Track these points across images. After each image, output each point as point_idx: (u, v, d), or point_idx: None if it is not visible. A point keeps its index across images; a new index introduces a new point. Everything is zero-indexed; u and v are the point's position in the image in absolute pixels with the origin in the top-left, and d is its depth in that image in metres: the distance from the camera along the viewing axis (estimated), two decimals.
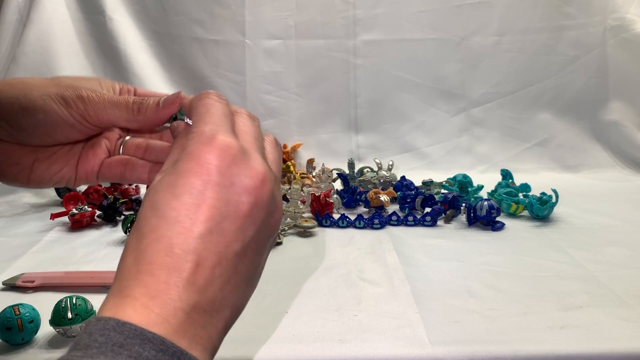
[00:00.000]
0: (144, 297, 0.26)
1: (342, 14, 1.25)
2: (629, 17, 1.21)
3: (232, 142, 0.29)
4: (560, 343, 0.49)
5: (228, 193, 0.28)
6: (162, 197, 0.28)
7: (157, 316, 0.25)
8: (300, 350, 0.49)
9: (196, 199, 0.28)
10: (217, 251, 0.28)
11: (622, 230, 0.81)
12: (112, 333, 0.24)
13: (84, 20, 1.24)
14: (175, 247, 0.27)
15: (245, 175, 0.29)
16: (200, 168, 0.28)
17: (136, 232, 0.28)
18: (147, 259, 0.27)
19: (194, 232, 0.27)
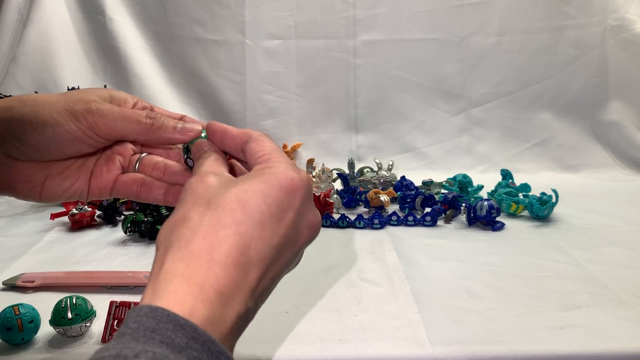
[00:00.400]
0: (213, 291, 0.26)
1: (342, 14, 1.25)
2: (629, 17, 1.21)
3: (310, 183, 0.33)
4: (560, 343, 0.49)
5: (299, 222, 0.32)
6: (253, 198, 0.30)
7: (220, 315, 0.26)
8: (300, 350, 0.49)
9: (280, 215, 0.30)
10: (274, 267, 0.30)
11: (622, 230, 0.81)
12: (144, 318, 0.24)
13: (84, 20, 1.24)
14: (252, 249, 0.28)
15: (312, 214, 0.33)
16: (291, 190, 0.31)
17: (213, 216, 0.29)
18: (223, 250, 0.28)
19: (271, 242, 0.30)
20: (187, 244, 0.28)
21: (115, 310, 0.51)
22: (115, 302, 0.51)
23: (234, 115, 1.26)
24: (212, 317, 0.26)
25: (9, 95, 0.97)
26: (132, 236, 0.81)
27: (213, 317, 0.26)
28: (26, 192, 0.39)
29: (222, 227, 0.28)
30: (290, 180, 0.32)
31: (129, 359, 0.22)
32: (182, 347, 0.24)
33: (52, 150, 0.38)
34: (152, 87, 1.25)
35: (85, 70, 1.24)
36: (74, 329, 0.50)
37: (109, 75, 1.26)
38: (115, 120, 0.38)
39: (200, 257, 0.27)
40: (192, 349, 0.24)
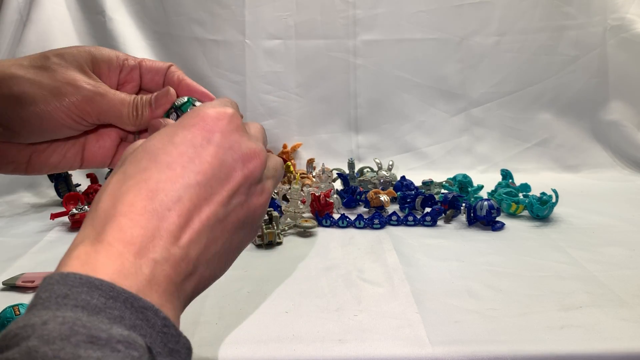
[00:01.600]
0: (118, 243, 0.24)
1: (342, 14, 1.25)
2: (629, 17, 1.21)
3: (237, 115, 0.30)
4: (560, 343, 0.49)
5: (225, 155, 0.28)
6: (158, 142, 0.28)
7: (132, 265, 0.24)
8: (300, 350, 0.49)
9: (194, 151, 0.27)
10: (203, 207, 0.27)
11: (622, 230, 0.81)
12: (55, 286, 0.22)
13: (84, 20, 1.24)
14: (161, 192, 0.26)
15: (245, 146, 0.29)
16: (205, 124, 0.28)
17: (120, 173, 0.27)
18: (127, 200, 0.25)
19: (185, 180, 0.26)
20: (94, 207, 0.26)
21: None
22: None
23: None
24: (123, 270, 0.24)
25: None
26: None
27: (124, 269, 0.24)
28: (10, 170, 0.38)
29: (126, 180, 0.26)
30: (202, 115, 0.29)
31: (36, 327, 0.20)
32: (100, 307, 0.22)
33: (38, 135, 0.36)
34: None
35: None
36: None
37: None
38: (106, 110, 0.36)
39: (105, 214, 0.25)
40: (112, 308, 0.22)
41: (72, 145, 0.39)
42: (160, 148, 0.27)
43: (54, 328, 0.20)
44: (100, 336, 0.21)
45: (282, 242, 0.77)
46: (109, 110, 0.36)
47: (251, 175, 0.29)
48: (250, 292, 0.61)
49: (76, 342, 0.20)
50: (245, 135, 0.30)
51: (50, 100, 0.34)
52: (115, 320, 0.22)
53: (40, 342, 0.20)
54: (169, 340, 0.24)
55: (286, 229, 0.82)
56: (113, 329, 0.21)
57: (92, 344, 0.20)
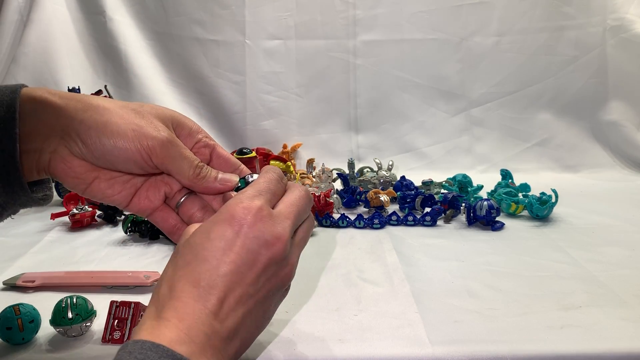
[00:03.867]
0: (174, 319, 0.32)
1: (342, 14, 1.25)
2: (629, 17, 1.21)
3: (264, 206, 0.37)
4: (560, 343, 0.49)
5: (252, 244, 0.35)
6: (198, 239, 0.36)
7: (185, 335, 0.32)
8: (300, 350, 0.49)
9: (225, 244, 0.35)
10: (236, 290, 0.34)
11: (622, 230, 0.81)
12: (149, 352, 0.30)
13: (84, 20, 1.24)
14: (202, 282, 0.34)
15: (269, 233, 0.36)
16: (233, 221, 0.35)
17: (173, 265, 0.36)
18: (178, 287, 0.34)
19: (220, 270, 0.34)
20: (157, 291, 0.35)
21: (115, 310, 0.51)
22: (116, 302, 0.51)
23: (234, 116, 1.26)
24: (178, 339, 0.31)
25: None
26: (133, 236, 0.81)
27: (179, 338, 0.31)
28: (73, 185, 0.42)
29: (177, 271, 0.35)
30: (231, 212, 0.36)
31: None
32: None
33: (107, 160, 0.40)
34: (152, 87, 1.25)
35: (86, 71, 1.24)
36: (75, 328, 0.50)
37: (109, 75, 1.26)
38: (172, 158, 0.41)
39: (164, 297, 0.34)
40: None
41: (129, 187, 0.44)
42: (199, 244, 0.35)
43: None
44: None
45: None
46: (175, 159, 0.41)
47: (274, 257, 0.36)
48: None
49: None
50: (269, 222, 0.36)
51: (129, 133, 0.39)
52: None
53: None
54: None
55: None
56: None
57: None
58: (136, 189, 0.44)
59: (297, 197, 0.40)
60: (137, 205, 0.44)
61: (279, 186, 0.40)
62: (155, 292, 0.35)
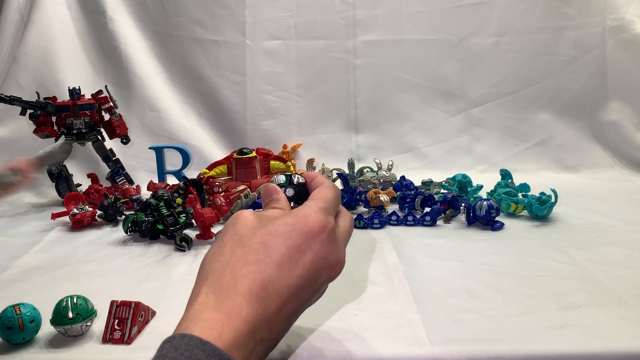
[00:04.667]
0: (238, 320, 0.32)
1: (342, 14, 1.25)
2: (628, 17, 1.21)
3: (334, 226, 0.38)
4: (560, 343, 0.49)
5: (319, 264, 0.36)
6: (275, 241, 0.35)
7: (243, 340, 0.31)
8: (300, 350, 0.49)
9: (299, 256, 0.35)
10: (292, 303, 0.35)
11: (622, 230, 0.81)
12: (195, 350, 0.29)
13: (84, 20, 1.24)
14: (269, 286, 0.33)
15: (334, 257, 0.37)
16: (310, 234, 0.36)
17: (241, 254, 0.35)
18: (246, 284, 0.33)
19: (288, 281, 0.34)
20: (218, 278, 0.34)
21: (115, 309, 0.51)
22: (116, 302, 0.51)
23: (235, 116, 1.26)
24: (237, 342, 0.31)
25: (9, 95, 0.97)
26: (133, 236, 0.81)
27: (238, 341, 0.31)
28: None
29: (246, 264, 0.34)
30: (311, 225, 0.36)
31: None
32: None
33: None
34: (152, 87, 1.25)
35: (86, 71, 1.24)
36: (75, 328, 0.50)
37: (110, 76, 1.26)
38: None
39: (228, 290, 0.33)
40: None
41: None
42: (275, 247, 0.35)
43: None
44: None
45: None
46: None
47: (330, 279, 0.38)
48: None
49: None
50: (336, 245, 0.38)
51: None
52: None
53: None
54: None
55: None
56: None
57: None
58: None
59: (350, 225, 0.42)
60: None
61: (338, 204, 0.41)
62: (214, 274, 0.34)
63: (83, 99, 1.02)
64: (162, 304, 0.57)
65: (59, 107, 1.00)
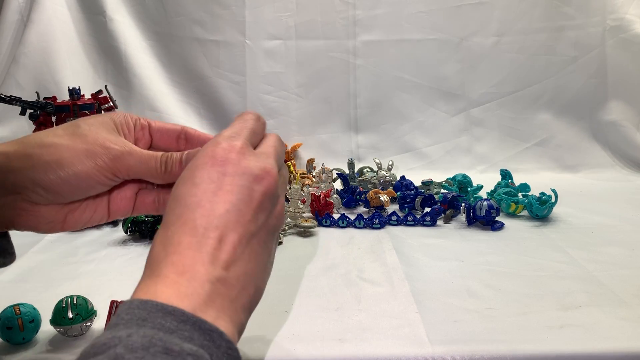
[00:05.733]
0: (173, 274, 0.29)
1: (342, 14, 1.25)
2: (628, 17, 1.21)
3: (243, 143, 0.34)
4: (560, 343, 0.49)
5: (241, 180, 0.32)
6: (182, 189, 0.32)
7: (186, 288, 0.28)
8: (300, 350, 0.49)
9: (214, 186, 0.32)
10: (236, 229, 0.31)
11: (622, 230, 0.81)
12: (136, 310, 0.27)
13: (84, 20, 1.24)
14: (199, 227, 0.30)
15: (256, 167, 0.33)
16: (215, 161, 0.33)
17: (163, 225, 0.32)
18: (174, 241, 0.30)
19: (215, 211, 0.31)
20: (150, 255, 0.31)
21: (115, 309, 0.51)
22: (116, 302, 0.51)
23: (234, 116, 1.25)
24: (179, 294, 0.28)
25: (9, 95, 0.97)
26: (133, 236, 0.81)
27: (180, 293, 0.28)
28: (48, 229, 0.41)
29: (169, 227, 0.31)
30: (210, 155, 0.33)
31: (122, 338, 0.24)
32: (173, 329, 0.26)
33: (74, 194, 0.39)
34: (152, 87, 1.25)
35: (86, 71, 1.24)
36: (75, 328, 0.50)
37: (110, 76, 1.26)
38: (134, 166, 0.40)
39: (158, 256, 0.30)
40: (183, 330, 0.26)
41: (101, 202, 0.43)
42: (185, 193, 0.32)
43: (137, 340, 0.25)
44: (174, 349, 0.25)
45: (282, 242, 0.77)
46: (139, 165, 0.40)
47: (268, 191, 0.33)
48: None
49: (154, 352, 0.24)
50: (253, 157, 0.34)
51: (86, 161, 0.38)
52: (186, 340, 0.26)
53: (125, 350, 0.24)
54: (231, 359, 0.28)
55: (286, 229, 0.82)
56: (184, 344, 0.25)
57: (166, 355, 0.24)
58: (108, 199, 0.43)
59: (275, 140, 0.38)
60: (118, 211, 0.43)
61: (258, 124, 0.38)
62: (148, 258, 0.32)
63: (83, 99, 1.02)
64: None
65: (58, 107, 1.00)
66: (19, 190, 0.38)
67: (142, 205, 0.44)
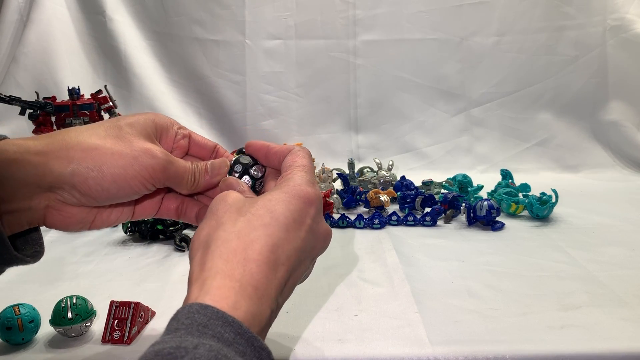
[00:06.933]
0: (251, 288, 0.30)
1: (342, 14, 1.25)
2: (629, 17, 1.21)
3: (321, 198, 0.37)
4: (560, 343, 0.49)
5: (316, 230, 0.36)
6: (278, 206, 0.34)
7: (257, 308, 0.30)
8: (300, 350, 0.49)
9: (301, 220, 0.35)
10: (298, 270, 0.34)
11: (622, 230, 0.81)
12: (196, 315, 0.27)
13: (84, 20, 1.24)
14: (279, 249, 0.32)
15: (325, 227, 0.38)
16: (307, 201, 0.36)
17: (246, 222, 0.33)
18: (256, 248, 0.31)
19: (294, 244, 0.33)
20: (224, 243, 0.31)
21: (115, 310, 0.51)
22: (116, 302, 0.51)
23: (234, 115, 1.26)
24: (252, 311, 0.29)
25: (8, 95, 0.97)
26: (133, 236, 0.81)
27: (253, 311, 0.29)
28: (77, 229, 0.41)
29: (253, 229, 0.32)
30: (306, 192, 0.36)
31: (189, 350, 0.25)
32: (230, 341, 0.27)
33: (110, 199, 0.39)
34: (152, 87, 1.25)
35: (86, 71, 1.24)
36: (74, 328, 0.50)
37: (109, 75, 1.26)
38: (171, 177, 0.40)
39: (236, 254, 0.31)
40: (239, 343, 0.27)
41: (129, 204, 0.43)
42: (280, 210, 0.34)
43: (204, 353, 0.25)
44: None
45: None
46: (175, 177, 0.40)
47: (323, 250, 0.38)
48: None
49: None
50: (323, 218, 0.38)
51: (129, 169, 0.37)
52: (239, 354, 0.27)
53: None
54: None
55: None
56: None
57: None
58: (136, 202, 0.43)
59: None
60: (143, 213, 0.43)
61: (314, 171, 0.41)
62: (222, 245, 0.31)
63: (82, 98, 1.02)
64: (162, 304, 0.57)
65: (58, 107, 1.00)
66: (55, 190, 0.37)
67: (165, 210, 0.44)
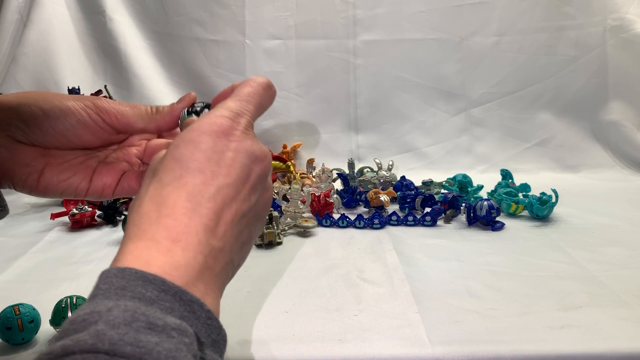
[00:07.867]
0: (166, 240, 0.28)
1: (342, 14, 1.25)
2: (629, 17, 1.21)
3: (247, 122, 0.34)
4: (560, 343, 0.49)
5: (242, 158, 0.32)
6: (184, 150, 0.31)
7: (180, 258, 0.27)
8: (300, 350, 0.49)
9: (218, 157, 0.31)
10: (232, 205, 0.31)
11: (622, 230, 0.81)
12: (114, 279, 0.25)
13: (84, 20, 1.24)
14: (197, 195, 0.30)
15: (256, 148, 0.33)
16: (220, 133, 0.32)
17: (156, 181, 0.31)
18: (169, 203, 0.29)
19: (215, 183, 0.30)
20: (136, 210, 0.30)
21: None
22: None
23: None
24: (173, 263, 0.27)
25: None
26: None
27: (174, 262, 0.27)
28: (24, 177, 0.39)
29: (164, 187, 0.30)
30: (218, 125, 0.32)
31: (102, 314, 0.23)
32: (153, 299, 0.25)
33: (58, 135, 0.38)
34: (152, 87, 1.25)
35: (86, 70, 1.24)
36: None
37: (109, 75, 1.26)
38: (123, 111, 0.39)
39: (148, 216, 0.29)
40: (164, 300, 0.25)
41: (84, 167, 0.41)
42: (188, 155, 0.31)
43: (118, 315, 0.23)
44: (157, 323, 0.23)
45: (282, 242, 0.77)
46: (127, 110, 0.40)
47: (262, 173, 0.34)
48: (250, 292, 0.61)
49: (137, 328, 0.23)
50: (254, 139, 0.34)
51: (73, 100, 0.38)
52: (166, 311, 0.25)
53: (107, 326, 0.22)
54: (212, 331, 0.27)
55: (286, 229, 0.82)
56: (167, 317, 0.24)
57: (150, 330, 0.23)
58: (92, 169, 0.41)
59: None
60: (97, 188, 0.41)
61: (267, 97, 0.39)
62: (134, 212, 0.30)
63: None
64: None
65: None
66: (4, 127, 0.37)
67: (126, 186, 0.42)
